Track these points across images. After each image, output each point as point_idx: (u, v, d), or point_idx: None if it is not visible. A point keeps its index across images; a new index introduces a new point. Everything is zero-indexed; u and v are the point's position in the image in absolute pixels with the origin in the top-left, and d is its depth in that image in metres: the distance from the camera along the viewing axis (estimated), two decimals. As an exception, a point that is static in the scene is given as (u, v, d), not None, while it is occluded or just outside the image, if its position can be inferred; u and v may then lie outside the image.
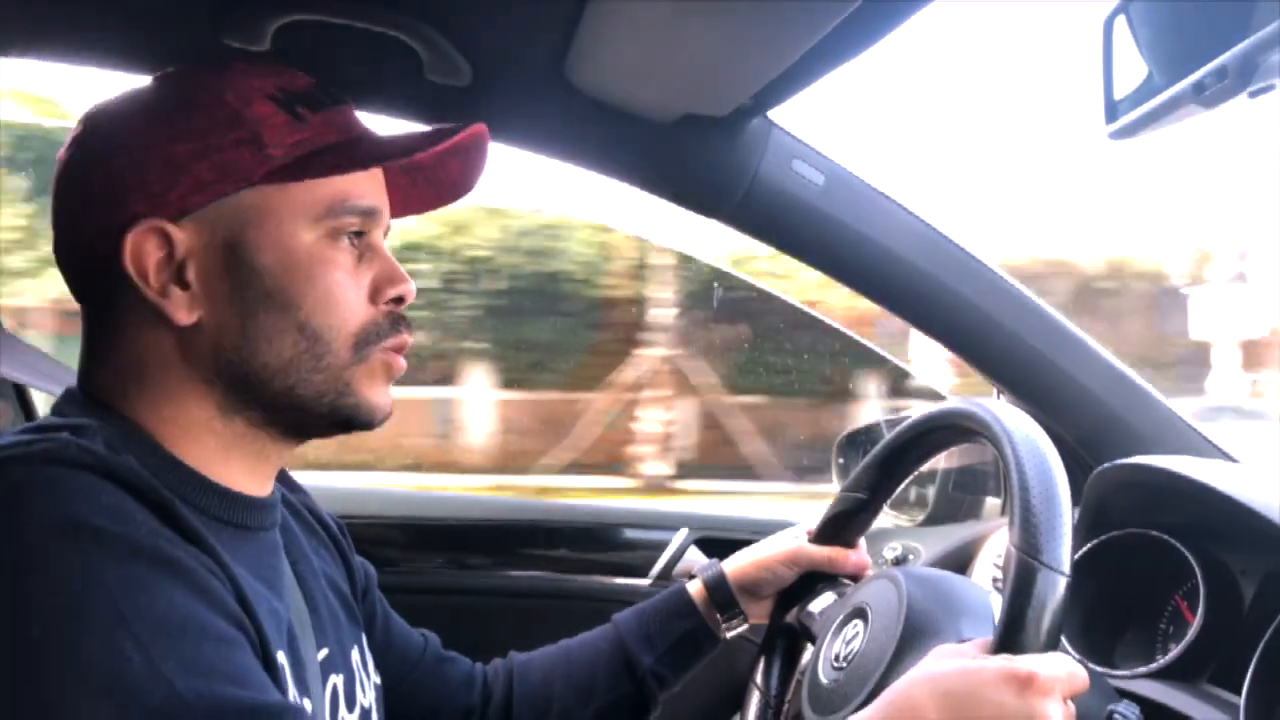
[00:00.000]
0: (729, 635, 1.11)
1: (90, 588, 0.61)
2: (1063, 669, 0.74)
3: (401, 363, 0.83)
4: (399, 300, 0.82)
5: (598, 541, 1.64)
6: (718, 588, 1.10)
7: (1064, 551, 0.76)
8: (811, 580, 1.10)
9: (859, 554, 1.10)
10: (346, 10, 1.01)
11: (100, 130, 0.79)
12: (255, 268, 0.76)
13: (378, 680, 0.94)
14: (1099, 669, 1.06)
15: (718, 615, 1.10)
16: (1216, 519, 1.07)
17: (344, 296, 0.78)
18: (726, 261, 3.70)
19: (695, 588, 1.11)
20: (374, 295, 0.81)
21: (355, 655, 0.91)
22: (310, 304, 0.77)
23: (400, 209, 0.89)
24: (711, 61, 1.04)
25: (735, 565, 1.12)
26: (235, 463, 0.79)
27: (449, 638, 1.13)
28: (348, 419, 0.80)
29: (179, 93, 0.79)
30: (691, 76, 1.09)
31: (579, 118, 1.18)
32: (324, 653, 0.85)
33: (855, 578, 1.09)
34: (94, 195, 0.77)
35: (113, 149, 0.77)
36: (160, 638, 0.62)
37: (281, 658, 0.74)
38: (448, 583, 1.60)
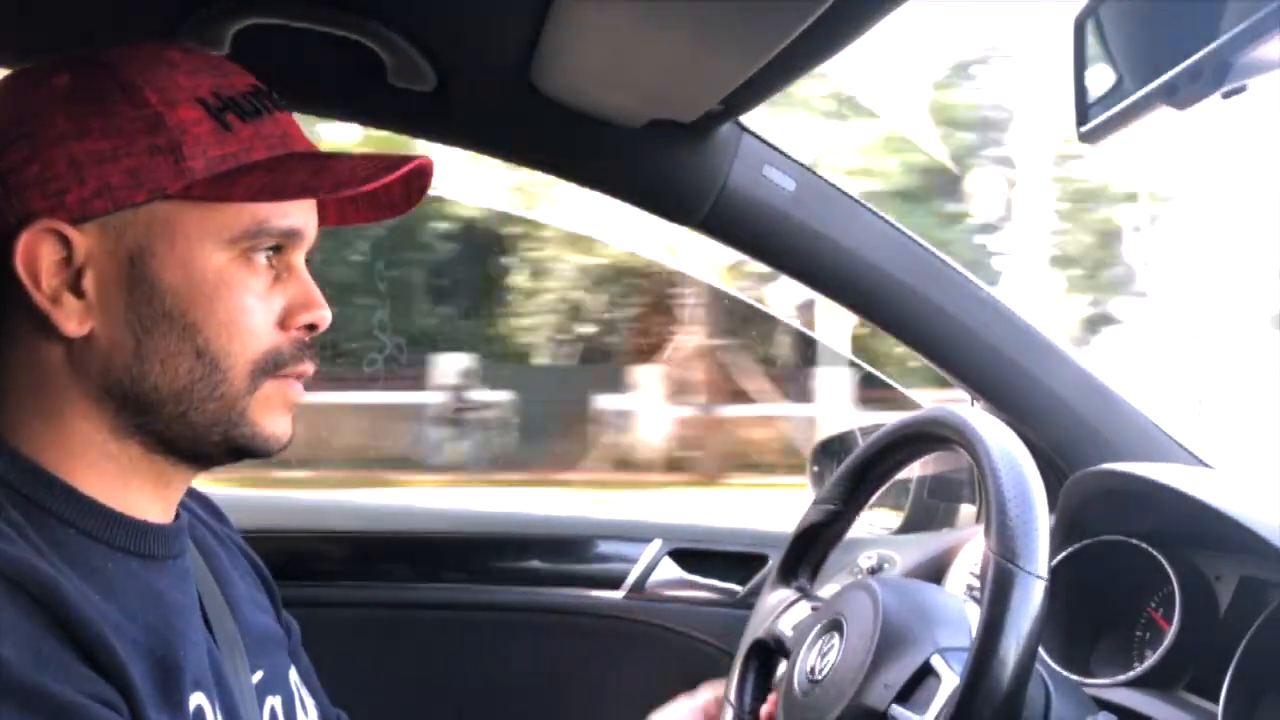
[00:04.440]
0: None
1: None
2: None
3: (300, 391, 0.78)
4: (311, 327, 0.77)
5: (570, 554, 1.62)
6: None
7: (1041, 556, 0.76)
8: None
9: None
10: (308, 14, 1.00)
11: (6, 109, 0.72)
12: (157, 285, 0.71)
13: (314, 701, 0.92)
14: (1076, 678, 1.05)
15: None
16: (1192, 525, 1.07)
17: (249, 322, 0.73)
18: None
19: None
20: (284, 320, 0.76)
21: (293, 675, 0.89)
22: (212, 329, 0.72)
23: (335, 219, 0.85)
24: (679, 66, 1.03)
25: None
26: (136, 490, 0.75)
27: (421, 654, 1.11)
28: (243, 448, 0.76)
29: (98, 82, 0.71)
30: (659, 81, 1.08)
31: (545, 123, 1.16)
32: (259, 675, 0.83)
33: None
34: None
35: (16, 135, 0.70)
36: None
37: (199, 698, 0.72)
38: (419, 598, 1.58)
